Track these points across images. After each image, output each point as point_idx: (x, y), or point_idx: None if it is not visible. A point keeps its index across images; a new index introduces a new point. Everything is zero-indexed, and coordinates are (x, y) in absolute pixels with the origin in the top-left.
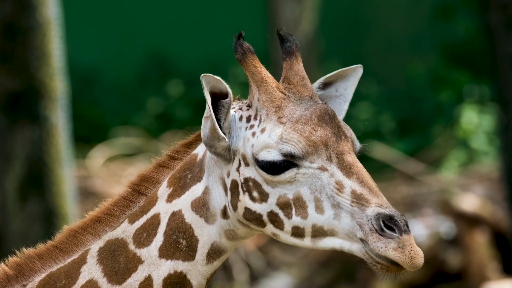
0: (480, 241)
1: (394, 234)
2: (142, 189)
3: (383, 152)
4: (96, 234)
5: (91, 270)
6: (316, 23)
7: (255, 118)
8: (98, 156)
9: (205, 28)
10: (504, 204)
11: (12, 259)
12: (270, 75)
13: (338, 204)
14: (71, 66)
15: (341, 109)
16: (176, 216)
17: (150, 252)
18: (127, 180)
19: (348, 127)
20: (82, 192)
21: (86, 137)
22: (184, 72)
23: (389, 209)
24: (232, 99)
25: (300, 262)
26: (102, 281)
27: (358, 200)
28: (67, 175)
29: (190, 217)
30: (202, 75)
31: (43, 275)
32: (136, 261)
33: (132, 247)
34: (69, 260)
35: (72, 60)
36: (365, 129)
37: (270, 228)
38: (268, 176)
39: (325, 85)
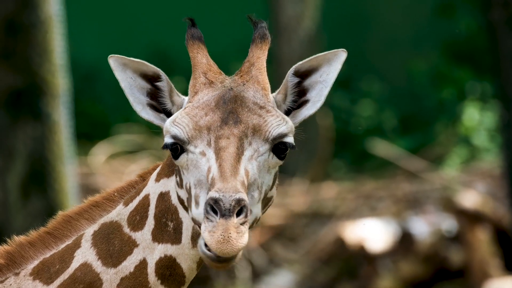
0: (482, 238)
1: (215, 217)
2: (147, 176)
3: (385, 149)
4: (91, 219)
5: (85, 253)
6: (318, 20)
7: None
8: (100, 153)
9: (207, 25)
10: (506, 201)
11: (2, 248)
12: (205, 62)
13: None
14: (73, 63)
15: (321, 95)
16: (164, 198)
17: (144, 236)
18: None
19: (266, 114)
20: (84, 189)
21: (88, 134)
22: (187, 69)
23: (221, 193)
24: (168, 82)
25: (302, 259)
26: (97, 264)
27: (211, 186)
28: (69, 172)
29: (175, 199)
30: (110, 56)
31: (36, 262)
32: (131, 244)
33: (126, 230)
34: (62, 246)
35: (74, 57)
36: (367, 126)
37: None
38: (173, 161)
39: (310, 71)
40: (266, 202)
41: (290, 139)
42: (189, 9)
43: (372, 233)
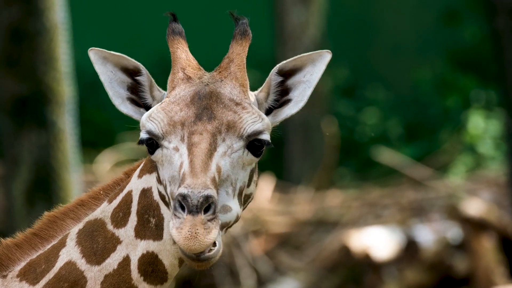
0: (487, 246)
1: (182, 213)
2: (132, 173)
3: (390, 157)
4: (76, 218)
5: (70, 252)
6: (323, 28)
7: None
8: (105, 161)
9: (211, 33)
10: (511, 209)
11: None
12: (184, 57)
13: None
14: (78, 70)
15: (304, 95)
16: (146, 194)
17: (127, 232)
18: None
19: (241, 111)
20: None
21: (93, 142)
22: None
23: (190, 189)
24: (148, 76)
25: (307, 267)
26: (81, 262)
27: (181, 182)
28: (74, 180)
29: (157, 195)
30: (90, 49)
31: (23, 264)
32: (114, 241)
33: (110, 227)
34: (49, 246)
35: (79, 65)
36: (373, 134)
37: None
38: (149, 156)
39: (294, 71)
40: (245, 199)
41: (265, 137)
42: (192, 17)
43: (377, 241)
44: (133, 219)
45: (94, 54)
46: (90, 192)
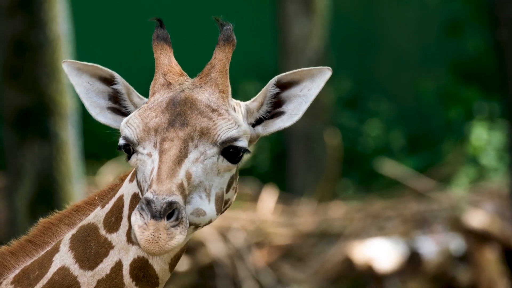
0: (489, 258)
1: (148, 215)
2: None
3: (393, 169)
4: (71, 224)
5: (63, 257)
6: (326, 39)
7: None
8: (108, 172)
9: (214, 45)
10: None
11: None
12: (167, 63)
13: None
14: None
15: (299, 109)
16: (137, 198)
17: (119, 237)
18: None
19: (217, 117)
20: None
21: (96, 154)
22: None
23: (154, 195)
24: (124, 84)
25: (310, 279)
26: (74, 267)
27: (149, 187)
28: (77, 191)
29: None
30: (63, 61)
31: (17, 271)
32: (107, 246)
33: (103, 232)
34: (43, 252)
35: None
36: (375, 146)
37: None
38: (127, 161)
39: (291, 84)
40: (222, 204)
41: (242, 143)
42: (197, 30)
43: (380, 253)
44: (125, 224)
45: (67, 66)
46: (86, 198)
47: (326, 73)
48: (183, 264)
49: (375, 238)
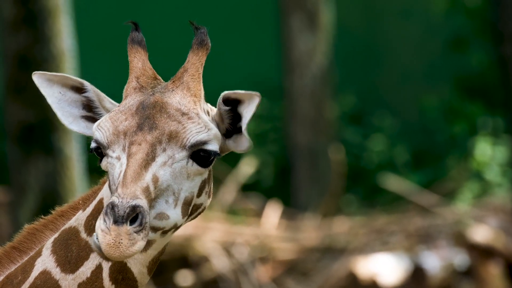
0: (493, 273)
1: (109, 220)
2: None
3: (397, 184)
4: (55, 229)
5: (45, 261)
6: (330, 55)
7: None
8: None
9: (218, 59)
10: None
11: None
12: (140, 66)
13: None
14: None
15: (243, 124)
16: None
17: None
18: None
19: (186, 121)
20: None
21: (100, 169)
22: None
23: (119, 199)
24: (94, 91)
25: None
26: (56, 271)
27: (115, 191)
28: None
29: None
30: (33, 73)
31: (1, 278)
32: (88, 249)
33: (84, 235)
34: (26, 258)
35: None
36: (379, 161)
37: None
38: (99, 165)
39: (239, 102)
40: (193, 209)
41: (212, 147)
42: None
43: (384, 268)
44: None
45: (37, 78)
46: (71, 203)
47: (253, 98)
48: (187, 279)
49: (379, 253)
